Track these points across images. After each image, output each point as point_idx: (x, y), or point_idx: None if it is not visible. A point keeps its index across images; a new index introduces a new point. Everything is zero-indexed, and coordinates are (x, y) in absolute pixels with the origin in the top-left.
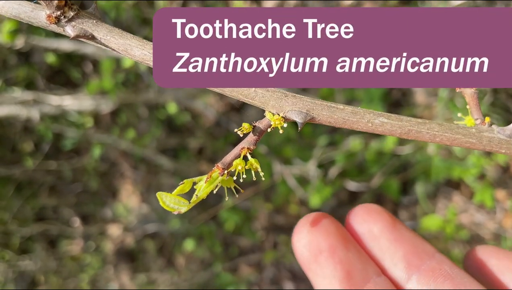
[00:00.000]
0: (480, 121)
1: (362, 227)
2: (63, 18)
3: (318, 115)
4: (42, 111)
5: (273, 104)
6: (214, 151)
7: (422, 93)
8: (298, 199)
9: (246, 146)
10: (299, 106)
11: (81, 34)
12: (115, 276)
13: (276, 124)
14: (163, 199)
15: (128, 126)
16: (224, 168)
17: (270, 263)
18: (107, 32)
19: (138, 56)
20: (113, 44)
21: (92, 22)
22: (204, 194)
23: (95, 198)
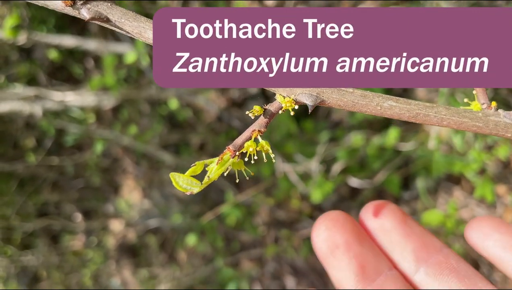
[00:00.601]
0: (487, 105)
1: (374, 223)
2: (78, 1)
3: (328, 98)
4: (45, 107)
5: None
6: (215, 147)
7: (423, 89)
8: (299, 194)
9: (257, 129)
10: (309, 89)
11: (96, 16)
12: (117, 271)
13: (287, 106)
14: (176, 179)
15: (130, 122)
16: (235, 150)
17: (271, 258)
18: (122, 15)
19: (151, 38)
20: (127, 27)
21: (107, 4)
22: (216, 176)
23: (97, 193)
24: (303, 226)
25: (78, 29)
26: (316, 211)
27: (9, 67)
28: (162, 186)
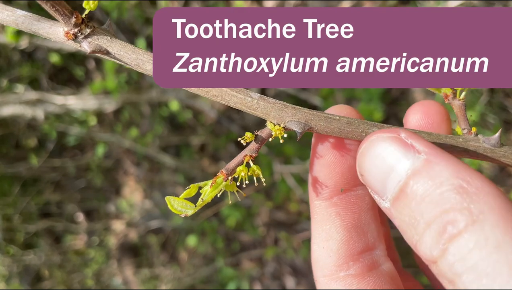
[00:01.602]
0: (467, 131)
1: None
2: (80, 34)
3: (315, 125)
4: (47, 110)
5: (274, 115)
6: (215, 148)
7: (420, 92)
8: (298, 197)
9: (249, 154)
10: (298, 117)
11: (97, 50)
12: (118, 270)
13: (277, 134)
14: (171, 202)
15: (131, 124)
16: (228, 174)
17: (271, 258)
18: (121, 47)
19: (150, 70)
20: (126, 59)
21: (107, 38)
22: (209, 198)
23: (98, 194)
24: (302, 227)
25: None
26: None
27: (11, 69)
28: (163, 186)
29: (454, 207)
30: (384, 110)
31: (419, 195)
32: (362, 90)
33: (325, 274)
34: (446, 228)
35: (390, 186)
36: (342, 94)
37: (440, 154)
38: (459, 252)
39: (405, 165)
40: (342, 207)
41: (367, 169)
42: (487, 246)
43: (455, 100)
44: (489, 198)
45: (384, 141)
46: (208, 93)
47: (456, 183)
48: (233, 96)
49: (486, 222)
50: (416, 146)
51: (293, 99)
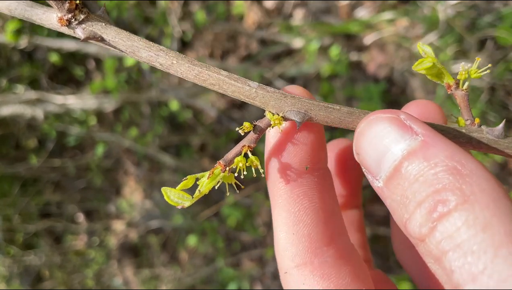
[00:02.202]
0: (470, 122)
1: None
2: (73, 20)
3: (315, 115)
4: (46, 110)
5: (273, 104)
6: (215, 148)
7: (420, 91)
8: None
9: (247, 144)
10: (297, 106)
11: (91, 36)
12: (119, 271)
13: (276, 123)
14: (168, 193)
15: (131, 123)
16: (225, 164)
17: (272, 258)
18: (116, 34)
19: (145, 57)
20: (121, 46)
21: (101, 24)
22: (207, 189)
23: (98, 194)
24: None
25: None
26: None
27: (10, 68)
28: (163, 186)
29: (446, 187)
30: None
31: (412, 175)
32: (362, 89)
33: (297, 264)
34: (437, 206)
35: (384, 165)
36: (342, 93)
37: (437, 137)
38: (447, 230)
39: (402, 145)
40: (308, 186)
41: (363, 148)
42: (475, 225)
43: (458, 90)
44: (482, 181)
45: (382, 121)
46: (205, 82)
47: (451, 164)
48: (231, 84)
49: (476, 202)
50: (414, 128)
51: None
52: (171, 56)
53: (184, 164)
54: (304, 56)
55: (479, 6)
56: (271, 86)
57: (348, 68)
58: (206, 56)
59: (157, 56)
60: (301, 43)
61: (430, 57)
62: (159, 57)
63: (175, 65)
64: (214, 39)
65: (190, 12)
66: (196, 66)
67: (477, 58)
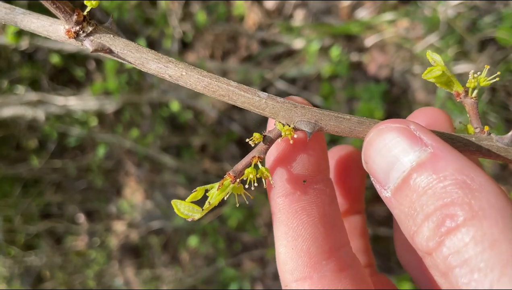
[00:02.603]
0: (480, 130)
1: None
2: (81, 33)
3: (326, 125)
4: (47, 111)
5: (283, 114)
6: (216, 149)
7: (421, 91)
8: None
9: (257, 155)
10: (307, 116)
11: (99, 48)
12: (120, 271)
13: (286, 134)
14: (178, 206)
15: (132, 124)
16: (235, 176)
17: (272, 259)
18: (124, 46)
19: (154, 69)
20: (129, 58)
21: (110, 36)
22: (216, 201)
23: (99, 194)
24: None
25: None
26: None
27: (11, 69)
28: (164, 187)
29: (455, 201)
30: (385, 109)
31: (421, 187)
32: (363, 89)
33: (297, 278)
34: (445, 221)
35: (393, 176)
36: (343, 93)
37: (447, 149)
38: (455, 245)
39: (411, 156)
40: (307, 201)
41: (372, 157)
42: (483, 242)
43: (467, 98)
44: (491, 196)
45: (392, 131)
46: (215, 93)
47: (460, 178)
48: (240, 95)
49: (485, 218)
50: (424, 139)
51: None
52: (180, 68)
53: (185, 165)
54: (304, 57)
55: (480, 7)
56: (272, 87)
57: (348, 69)
58: (206, 57)
59: (166, 67)
60: (302, 43)
61: (439, 66)
62: (168, 68)
63: (185, 76)
64: (214, 39)
65: (191, 13)
66: (205, 78)
67: (486, 66)
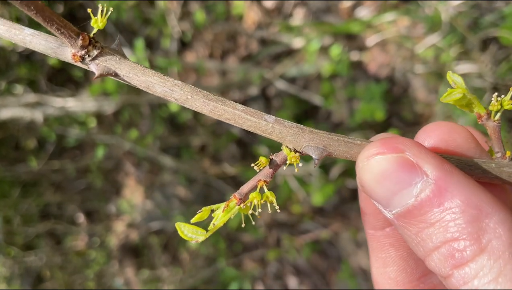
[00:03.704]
0: (501, 154)
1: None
2: (87, 57)
3: (335, 150)
4: (46, 112)
5: (290, 139)
6: (216, 149)
7: (422, 91)
8: (300, 198)
9: (263, 179)
10: (315, 141)
11: (105, 72)
12: (120, 271)
13: (292, 161)
14: (182, 229)
15: (131, 125)
16: (241, 198)
17: (273, 259)
18: (130, 69)
19: (160, 92)
20: (135, 82)
21: (115, 59)
22: (221, 223)
23: (99, 195)
24: (304, 228)
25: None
26: (318, 213)
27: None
28: (164, 187)
29: (463, 237)
30: (386, 109)
31: (428, 220)
32: (363, 89)
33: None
34: (454, 254)
35: (395, 203)
36: (343, 93)
37: (449, 178)
38: (464, 278)
39: (412, 189)
40: (395, 238)
41: (369, 185)
42: (490, 274)
43: (489, 121)
44: (498, 225)
45: (386, 161)
46: (221, 116)
47: (467, 210)
48: (247, 119)
49: (492, 251)
50: (423, 167)
51: (294, 98)
52: (186, 91)
53: (185, 165)
54: (304, 56)
55: (481, 6)
56: (272, 86)
57: (349, 68)
58: (206, 56)
59: (171, 91)
60: (302, 43)
61: (460, 88)
62: (173, 92)
63: (190, 100)
64: (214, 39)
65: (190, 12)
66: (211, 101)
67: (510, 88)
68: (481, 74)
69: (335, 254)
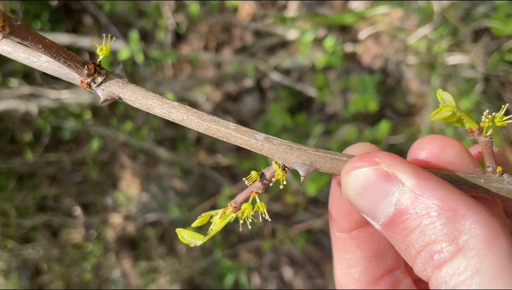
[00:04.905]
0: (492, 169)
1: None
2: (93, 84)
3: (321, 166)
4: (41, 104)
5: (278, 156)
6: (211, 141)
7: (415, 82)
8: (294, 189)
9: (255, 190)
10: (303, 158)
11: (109, 97)
12: (117, 263)
13: (278, 177)
14: (182, 234)
15: (126, 117)
16: (236, 207)
17: (269, 249)
18: (131, 93)
19: (159, 113)
20: (137, 104)
21: (119, 84)
22: (219, 228)
23: (95, 187)
24: (299, 218)
25: (73, 23)
26: (312, 204)
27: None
28: (160, 179)
29: (440, 239)
30: (380, 100)
31: (408, 226)
32: (357, 81)
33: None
34: (433, 256)
35: (379, 214)
36: (337, 84)
37: (424, 183)
38: (443, 277)
39: (391, 199)
40: (361, 239)
41: (352, 198)
42: (466, 272)
43: (481, 137)
44: (474, 225)
45: (364, 173)
46: (215, 134)
47: (442, 213)
48: (238, 137)
49: (468, 250)
50: (398, 176)
51: (288, 90)
52: (181, 112)
53: (180, 157)
54: (298, 48)
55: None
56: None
57: (342, 60)
58: (200, 48)
59: (169, 112)
60: (296, 34)
61: (449, 106)
62: (171, 113)
63: (186, 120)
64: (208, 31)
65: (184, 4)
66: (205, 122)
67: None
68: (473, 65)
69: (329, 245)
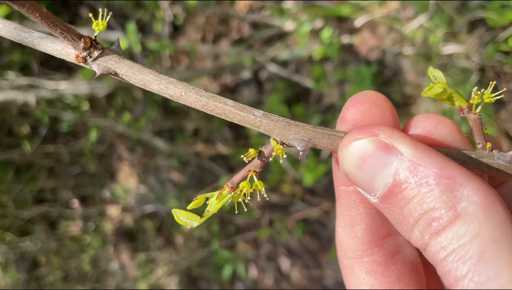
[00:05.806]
0: (482, 146)
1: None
2: (89, 58)
3: (319, 142)
4: (38, 95)
5: (277, 132)
6: (209, 132)
7: (412, 73)
8: (291, 178)
9: (253, 169)
10: (301, 134)
11: (105, 72)
12: (115, 255)
13: (277, 153)
14: (178, 215)
15: (124, 108)
16: (233, 187)
17: (266, 240)
18: (128, 68)
19: (156, 89)
20: (133, 80)
21: (115, 59)
22: (215, 210)
23: (93, 179)
24: (296, 209)
25: (70, 15)
26: (308, 194)
27: (1, 55)
28: (158, 171)
29: (439, 205)
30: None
31: (406, 196)
32: (354, 72)
33: (349, 257)
34: (431, 223)
35: (377, 186)
36: (334, 76)
37: (423, 153)
38: (441, 243)
39: (390, 168)
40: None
41: (350, 171)
42: (465, 236)
43: (470, 114)
44: (472, 193)
45: (363, 145)
46: (213, 111)
47: (441, 181)
48: (236, 114)
49: (467, 216)
50: (397, 147)
51: (286, 81)
52: (179, 88)
53: (178, 149)
54: (296, 39)
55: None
56: (264, 69)
57: (339, 51)
58: (198, 40)
59: (166, 88)
60: (293, 26)
61: (440, 83)
62: (168, 89)
63: (184, 96)
64: (206, 22)
65: None
66: (203, 97)
67: (490, 82)
68: (468, 55)
69: (326, 235)
